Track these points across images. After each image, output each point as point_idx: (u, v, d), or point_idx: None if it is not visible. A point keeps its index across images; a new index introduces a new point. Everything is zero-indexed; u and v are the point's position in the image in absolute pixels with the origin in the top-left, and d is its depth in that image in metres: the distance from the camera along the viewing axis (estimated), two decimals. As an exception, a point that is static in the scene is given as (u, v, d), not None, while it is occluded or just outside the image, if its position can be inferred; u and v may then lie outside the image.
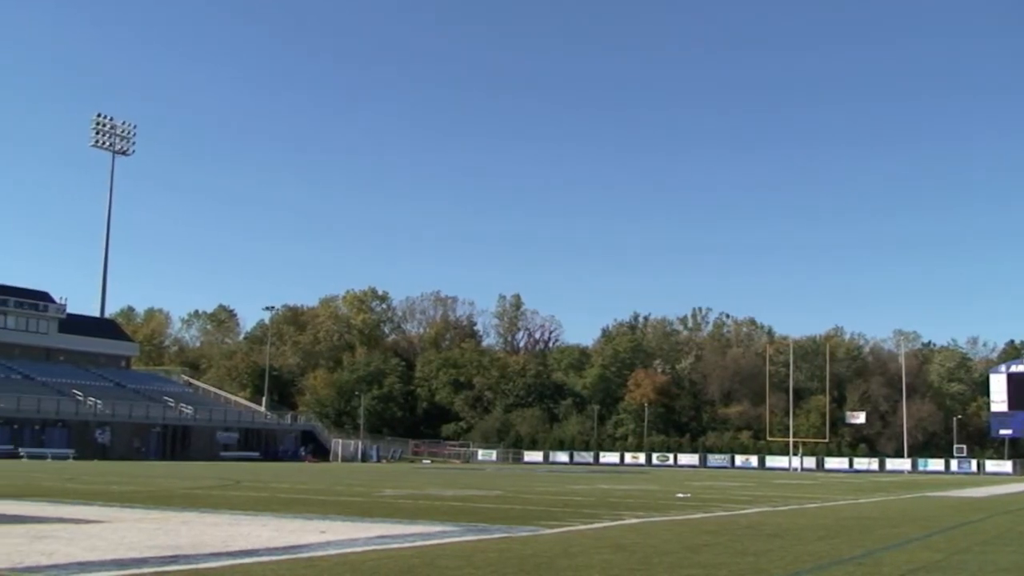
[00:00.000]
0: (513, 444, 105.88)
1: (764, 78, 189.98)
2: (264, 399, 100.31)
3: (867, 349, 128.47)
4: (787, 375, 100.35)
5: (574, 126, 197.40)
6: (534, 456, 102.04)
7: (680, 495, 26.25)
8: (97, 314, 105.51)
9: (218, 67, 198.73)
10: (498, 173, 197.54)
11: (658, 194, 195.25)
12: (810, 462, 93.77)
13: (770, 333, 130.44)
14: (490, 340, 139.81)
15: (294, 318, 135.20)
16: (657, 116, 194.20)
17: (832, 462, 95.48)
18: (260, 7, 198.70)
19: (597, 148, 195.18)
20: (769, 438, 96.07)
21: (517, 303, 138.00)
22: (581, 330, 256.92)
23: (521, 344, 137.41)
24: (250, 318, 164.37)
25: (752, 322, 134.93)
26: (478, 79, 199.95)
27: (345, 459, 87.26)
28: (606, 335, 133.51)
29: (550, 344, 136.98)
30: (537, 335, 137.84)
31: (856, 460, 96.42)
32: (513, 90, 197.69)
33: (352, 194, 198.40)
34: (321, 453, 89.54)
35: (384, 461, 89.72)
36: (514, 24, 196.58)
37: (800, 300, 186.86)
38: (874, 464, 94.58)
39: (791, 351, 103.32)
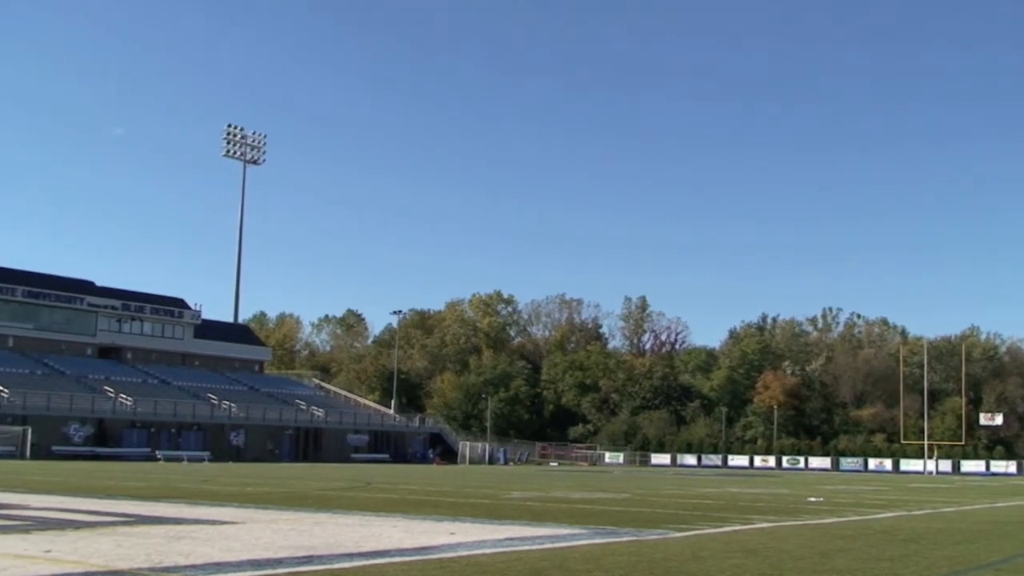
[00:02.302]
0: (640, 447, 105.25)
1: (886, 74, 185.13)
2: (393, 402, 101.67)
3: (1004, 349, 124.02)
4: (921, 376, 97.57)
5: (698, 126, 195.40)
6: (661, 459, 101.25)
7: (812, 499, 25.72)
8: (231, 320, 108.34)
9: (344, 75, 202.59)
10: (622, 175, 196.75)
11: (786, 193, 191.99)
12: (945, 465, 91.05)
13: (903, 333, 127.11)
14: (616, 342, 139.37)
15: (421, 322, 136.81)
16: (783, 114, 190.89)
17: (968, 465, 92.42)
18: (384, 14, 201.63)
19: (724, 148, 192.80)
20: (903, 441, 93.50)
21: (643, 305, 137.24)
22: (708, 331, 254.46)
23: (647, 346, 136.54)
24: (378, 322, 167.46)
25: (884, 322, 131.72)
26: (604, 80, 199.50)
27: (473, 461, 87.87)
28: (733, 336, 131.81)
29: (676, 346, 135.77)
30: (663, 337, 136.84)
31: (993, 463, 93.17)
32: (638, 91, 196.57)
33: (478, 198, 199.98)
34: (449, 455, 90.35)
35: (511, 463, 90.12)
36: (645, 21, 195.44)
37: (934, 299, 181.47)
38: (1012, 467, 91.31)
39: (925, 351, 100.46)
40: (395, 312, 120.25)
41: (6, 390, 68.81)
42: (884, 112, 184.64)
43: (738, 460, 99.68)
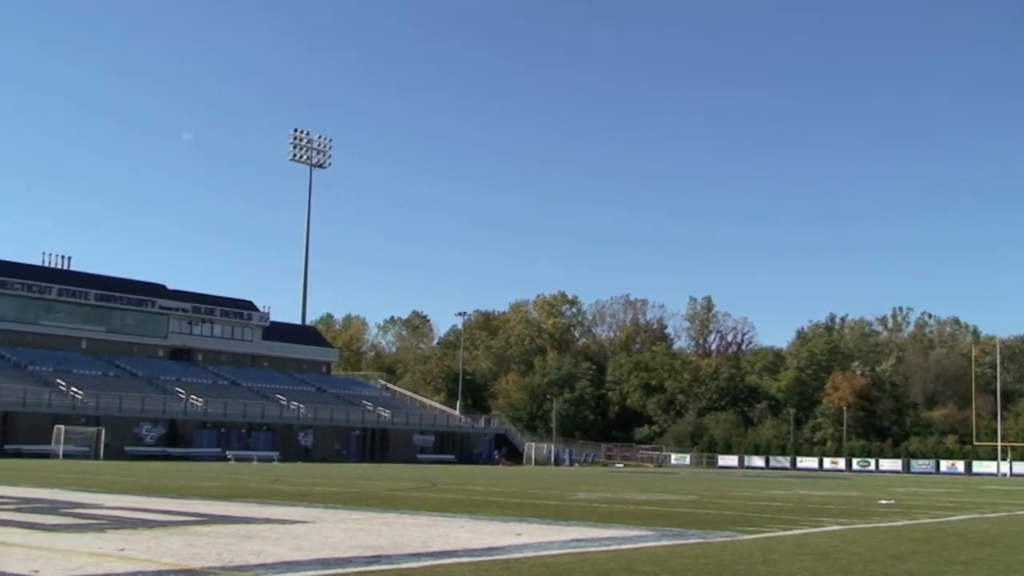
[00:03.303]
0: (707, 448, 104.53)
1: (964, 70, 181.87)
2: (458, 403, 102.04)
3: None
4: (994, 376, 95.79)
5: (764, 123, 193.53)
6: (728, 460, 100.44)
7: (883, 501, 25.35)
8: (298, 321, 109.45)
9: (407, 78, 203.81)
10: (686, 174, 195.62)
11: (854, 191, 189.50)
12: (1020, 467, 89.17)
13: (975, 333, 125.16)
14: (681, 343, 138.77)
15: (486, 323, 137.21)
16: (852, 111, 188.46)
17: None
18: (448, 17, 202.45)
19: (788, 147, 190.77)
20: (976, 442, 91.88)
21: (708, 305, 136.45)
22: (775, 332, 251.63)
23: (713, 347, 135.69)
24: (443, 323, 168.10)
25: (956, 322, 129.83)
26: (669, 77, 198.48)
27: (538, 462, 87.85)
28: (801, 337, 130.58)
29: (743, 346, 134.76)
30: (729, 337, 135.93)
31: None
32: (700, 89, 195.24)
33: (541, 199, 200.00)
34: (514, 456, 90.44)
35: (577, 464, 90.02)
36: (705, 18, 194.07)
37: (1007, 298, 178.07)
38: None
39: (998, 351, 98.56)
40: (460, 313, 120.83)
41: (80, 392, 70.14)
42: (956, 108, 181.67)
43: (807, 462, 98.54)
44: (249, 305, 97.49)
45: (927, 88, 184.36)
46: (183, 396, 75.99)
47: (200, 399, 75.53)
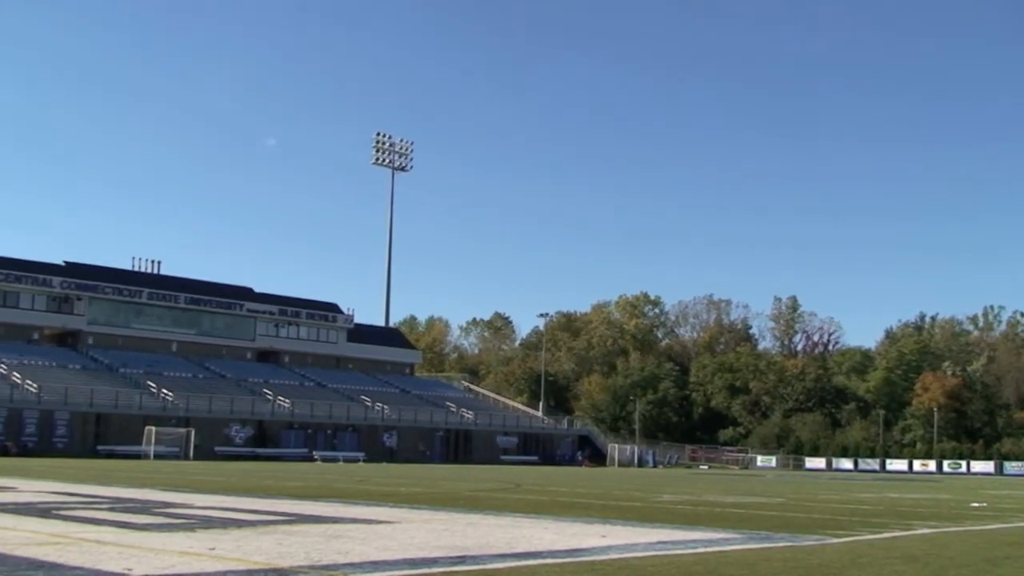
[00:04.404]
0: (793, 450, 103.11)
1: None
2: (541, 404, 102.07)
3: None
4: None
5: (848, 121, 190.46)
6: (816, 463, 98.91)
7: (975, 504, 24.78)
8: (382, 323, 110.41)
9: (488, 79, 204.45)
10: (769, 172, 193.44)
11: (943, 188, 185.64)
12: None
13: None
14: (766, 343, 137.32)
15: (568, 324, 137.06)
16: (937, 110, 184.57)
17: None
18: (527, 17, 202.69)
19: (876, 145, 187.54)
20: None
21: (793, 305, 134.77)
22: (863, 332, 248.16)
23: (799, 347, 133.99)
24: (525, 325, 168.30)
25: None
26: (751, 75, 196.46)
27: (621, 464, 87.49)
28: (890, 336, 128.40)
29: (830, 347, 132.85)
30: (816, 337, 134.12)
31: None
32: (783, 84, 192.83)
33: (623, 199, 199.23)
34: (597, 458, 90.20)
35: (660, 466, 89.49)
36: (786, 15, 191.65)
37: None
38: None
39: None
40: (542, 315, 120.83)
41: (170, 393, 71.56)
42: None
43: (896, 464, 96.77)
44: (334, 307, 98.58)
45: (1012, 87, 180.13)
46: (270, 397, 77.15)
47: (287, 400, 76.59)
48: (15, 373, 67.69)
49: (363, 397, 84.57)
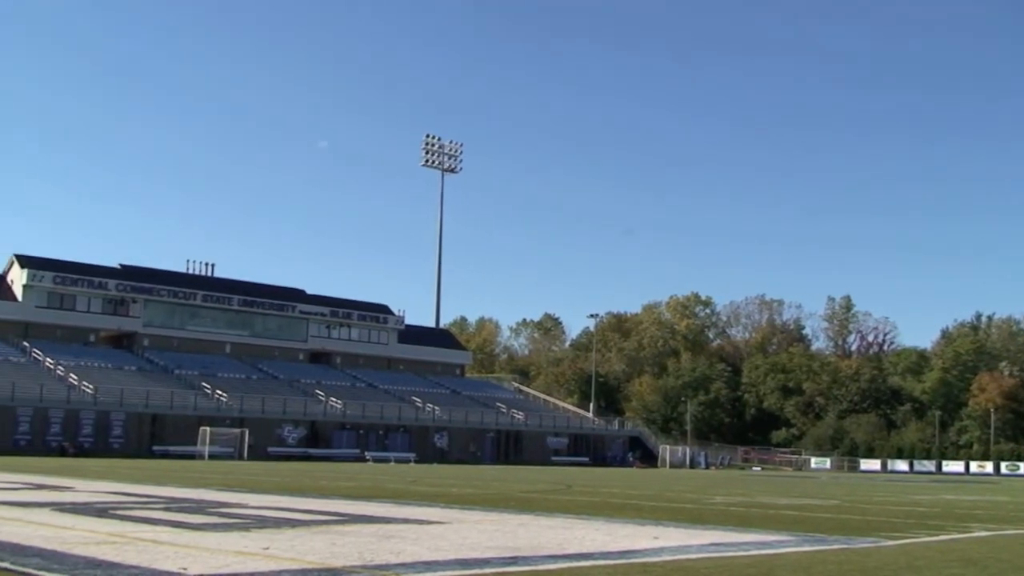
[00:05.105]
0: (848, 452, 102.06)
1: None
2: (591, 405, 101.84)
3: None
4: None
5: (904, 121, 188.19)
6: (871, 464, 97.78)
7: (1035, 507, 24.39)
8: (432, 325, 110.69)
9: (537, 80, 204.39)
10: (821, 169, 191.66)
11: (996, 188, 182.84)
12: None
13: None
14: (819, 344, 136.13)
15: (618, 325, 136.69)
16: (995, 106, 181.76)
17: None
18: (577, 18, 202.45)
19: (929, 144, 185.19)
20: None
21: (847, 305, 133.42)
22: (918, 332, 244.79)
23: (853, 347, 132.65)
24: (575, 326, 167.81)
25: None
26: (801, 74, 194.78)
27: (673, 465, 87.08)
28: (946, 336, 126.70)
29: (884, 347, 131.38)
30: (870, 338, 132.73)
31: None
32: (834, 82, 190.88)
33: (673, 199, 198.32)
34: (649, 459, 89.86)
35: (712, 468, 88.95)
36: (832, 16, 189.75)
37: None
38: None
39: None
40: (592, 315, 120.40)
41: (224, 394, 72.28)
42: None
43: (953, 466, 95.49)
44: (384, 309, 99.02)
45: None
46: (323, 398, 77.67)
47: (339, 401, 77.07)
48: (72, 375, 68.68)
49: (414, 398, 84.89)
